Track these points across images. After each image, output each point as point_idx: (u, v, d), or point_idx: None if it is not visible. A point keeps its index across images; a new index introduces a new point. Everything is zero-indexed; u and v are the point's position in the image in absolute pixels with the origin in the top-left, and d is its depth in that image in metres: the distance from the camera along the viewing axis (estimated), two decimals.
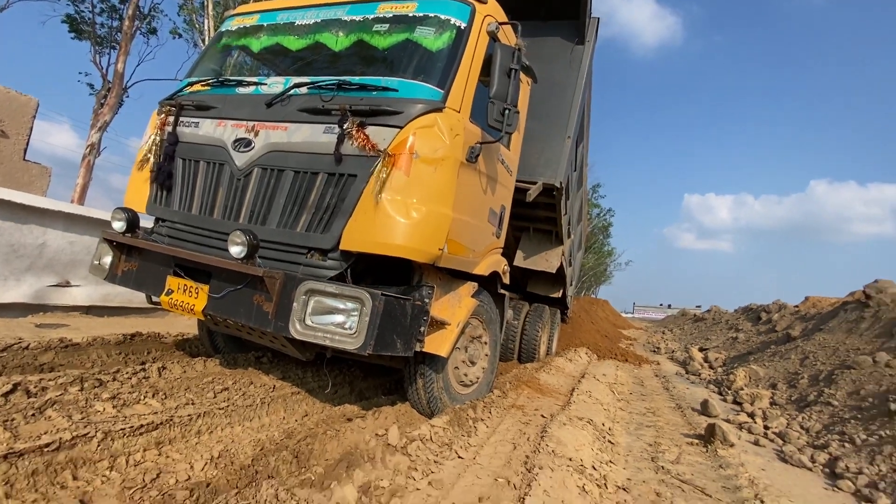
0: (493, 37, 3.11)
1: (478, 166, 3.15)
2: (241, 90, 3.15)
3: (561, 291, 7.17)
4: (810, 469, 3.36)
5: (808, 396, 4.99)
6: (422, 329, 2.73)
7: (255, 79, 3.17)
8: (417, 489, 2.15)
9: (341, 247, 2.59)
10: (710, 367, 8.96)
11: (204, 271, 2.72)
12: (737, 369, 6.87)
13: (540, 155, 4.84)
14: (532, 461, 2.53)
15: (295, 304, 2.41)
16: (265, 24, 3.46)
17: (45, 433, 2.17)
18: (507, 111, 2.90)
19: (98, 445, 2.17)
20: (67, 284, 5.60)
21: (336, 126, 2.65)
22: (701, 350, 10.87)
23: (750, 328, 11.15)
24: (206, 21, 15.82)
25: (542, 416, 3.73)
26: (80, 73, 18.71)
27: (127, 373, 3.22)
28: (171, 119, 3.24)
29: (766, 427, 4.40)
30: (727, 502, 2.66)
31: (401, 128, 2.60)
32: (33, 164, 5.94)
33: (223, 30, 3.68)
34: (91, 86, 17.22)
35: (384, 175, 2.53)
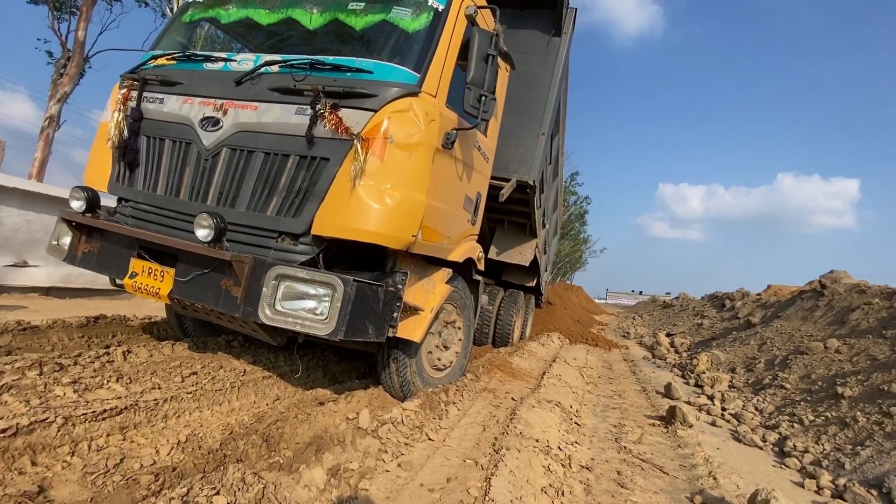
0: (472, 20, 3.07)
1: (453, 152, 3.13)
2: (209, 66, 3.03)
3: (535, 280, 7.35)
4: (761, 448, 3.57)
5: (764, 380, 5.27)
6: (395, 315, 2.73)
7: (223, 54, 3.04)
8: (387, 471, 2.19)
9: (313, 231, 2.56)
10: (676, 351, 9.32)
11: (170, 254, 2.64)
12: (700, 354, 7.17)
13: (514, 151, 4.81)
14: (500, 443, 2.60)
15: (265, 289, 2.38)
16: None
17: (0, 418, 2.10)
18: (483, 97, 2.89)
19: (58, 431, 2.12)
20: (25, 264, 5.36)
21: (308, 107, 2.59)
22: (668, 335, 11.28)
23: (714, 315, 11.62)
24: None
25: (513, 398, 3.83)
26: (38, 39, 17.49)
27: (89, 356, 3.12)
28: (135, 94, 3.10)
29: (723, 409, 4.63)
30: (683, 479, 2.81)
31: (375, 111, 2.56)
32: None
33: (189, 0, 3.51)
34: (50, 53, 16.20)
35: (358, 159, 2.50)
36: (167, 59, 3.20)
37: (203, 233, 2.37)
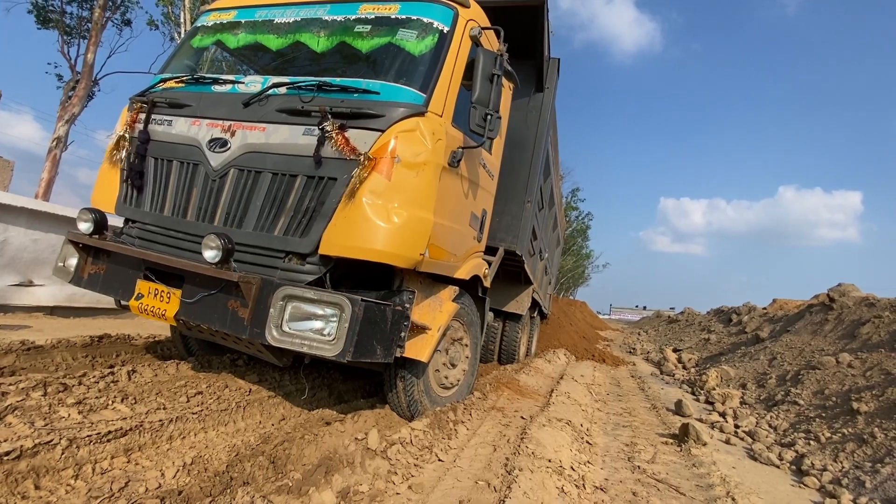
0: (476, 41, 3.12)
1: (459, 170, 3.15)
2: (218, 88, 3.07)
3: (536, 310, 7.49)
4: (778, 466, 3.48)
5: (776, 396, 5.17)
6: (402, 335, 2.71)
7: (232, 77, 3.09)
8: (397, 493, 2.14)
9: (320, 251, 2.55)
10: (684, 367, 9.19)
11: (176, 275, 2.64)
12: (709, 370, 7.07)
13: (500, 218, 4.62)
14: (512, 463, 2.54)
15: (272, 309, 2.36)
16: (243, 21, 3.38)
17: (4, 440, 2.07)
18: (489, 116, 2.92)
19: (62, 453, 2.08)
20: (31, 284, 5.37)
21: (316, 128, 2.61)
22: (675, 351, 11.15)
23: (721, 329, 11.49)
24: (182, 14, 15.39)
25: (522, 417, 3.76)
26: (48, 63, 17.93)
27: (94, 376, 3.09)
28: (143, 116, 3.14)
29: (736, 426, 4.54)
30: (700, 500, 2.73)
31: (382, 131, 2.58)
32: None
33: (199, 25, 3.59)
34: (59, 76, 16.57)
35: (365, 178, 2.51)
36: (176, 82, 3.25)
37: (211, 254, 2.37)
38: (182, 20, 15.29)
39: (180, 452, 2.41)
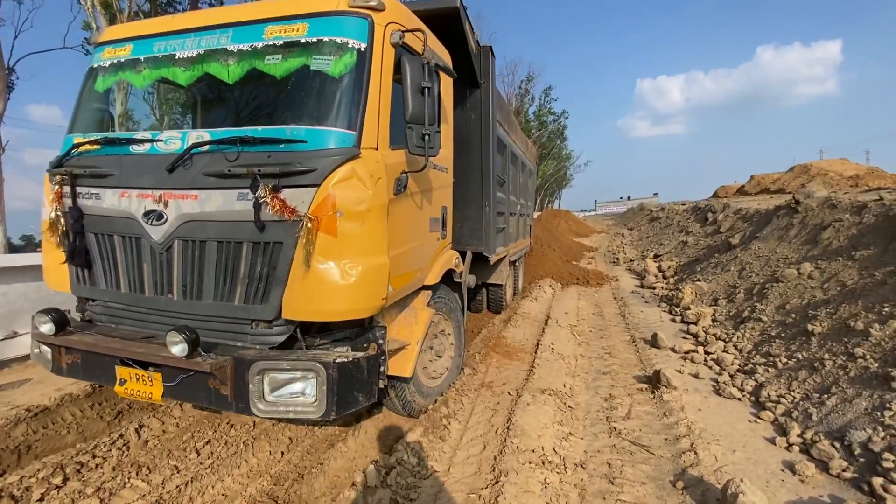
0: (399, 47, 2.87)
1: (408, 189, 3.07)
2: (136, 149, 2.87)
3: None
4: (739, 399, 3.88)
5: (743, 312, 5.56)
6: (381, 370, 2.85)
7: (147, 135, 2.87)
8: None
9: (283, 316, 2.59)
10: (664, 276, 9.67)
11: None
12: (685, 285, 7.46)
13: (461, 224, 4.64)
14: (499, 466, 2.85)
15: (251, 385, 2.47)
16: (142, 58, 3.05)
17: None
18: (426, 136, 2.79)
19: None
20: (15, 335, 5.39)
21: (249, 191, 2.51)
22: (655, 257, 11.62)
23: (698, 230, 11.86)
24: None
25: (509, 393, 4.08)
26: None
27: (105, 443, 3.30)
28: (67, 189, 2.96)
29: (706, 353, 4.95)
30: (667, 458, 3.10)
31: (318, 185, 2.48)
32: None
33: (95, 65, 3.23)
34: None
35: (310, 240, 2.47)
36: (90, 144, 3.02)
37: (178, 349, 2.41)
38: None
39: None
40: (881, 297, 4.15)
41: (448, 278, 4.09)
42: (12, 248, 14.85)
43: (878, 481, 2.45)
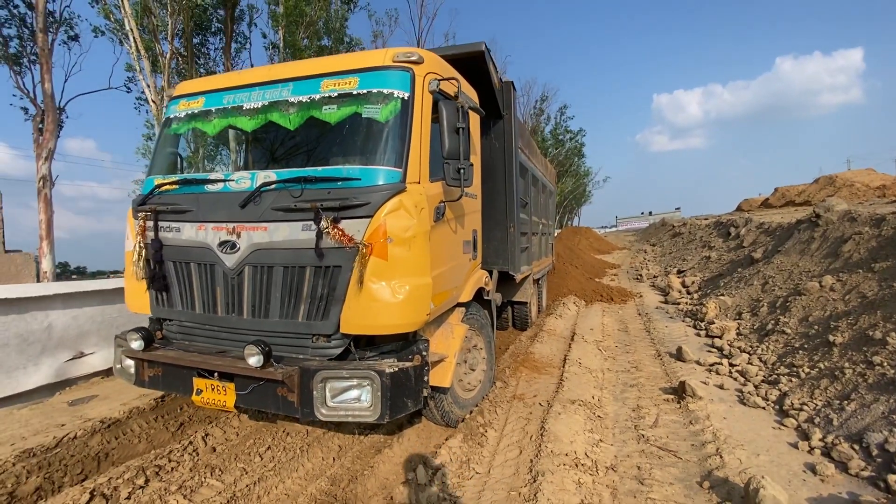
0: (436, 93, 3.28)
1: (445, 216, 3.44)
2: (211, 188, 3.32)
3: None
4: (764, 408, 4.03)
5: (767, 325, 5.67)
6: (426, 379, 3.16)
7: (220, 175, 3.34)
8: None
9: (341, 330, 2.96)
10: (688, 292, 9.74)
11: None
12: (709, 299, 7.57)
13: (487, 245, 4.91)
14: (536, 468, 3.10)
15: (315, 392, 2.82)
16: (213, 109, 3.54)
17: None
18: (461, 170, 3.17)
19: None
20: (82, 355, 5.91)
21: (312, 223, 2.91)
22: (679, 273, 11.67)
23: (721, 245, 11.89)
24: (125, 20, 14.67)
25: (540, 404, 4.32)
26: (13, 95, 17.53)
27: (177, 450, 3.67)
28: (150, 224, 3.43)
29: (731, 365, 5.09)
30: (694, 461, 3.30)
31: (371, 217, 2.87)
32: (15, 254, 5.98)
33: (170, 115, 3.75)
34: (25, 110, 16.37)
35: (365, 263, 2.84)
36: (170, 185, 3.49)
37: (254, 360, 2.79)
38: (127, 28, 14.61)
39: None
40: None
41: (478, 296, 4.41)
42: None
43: (893, 478, 2.62)
